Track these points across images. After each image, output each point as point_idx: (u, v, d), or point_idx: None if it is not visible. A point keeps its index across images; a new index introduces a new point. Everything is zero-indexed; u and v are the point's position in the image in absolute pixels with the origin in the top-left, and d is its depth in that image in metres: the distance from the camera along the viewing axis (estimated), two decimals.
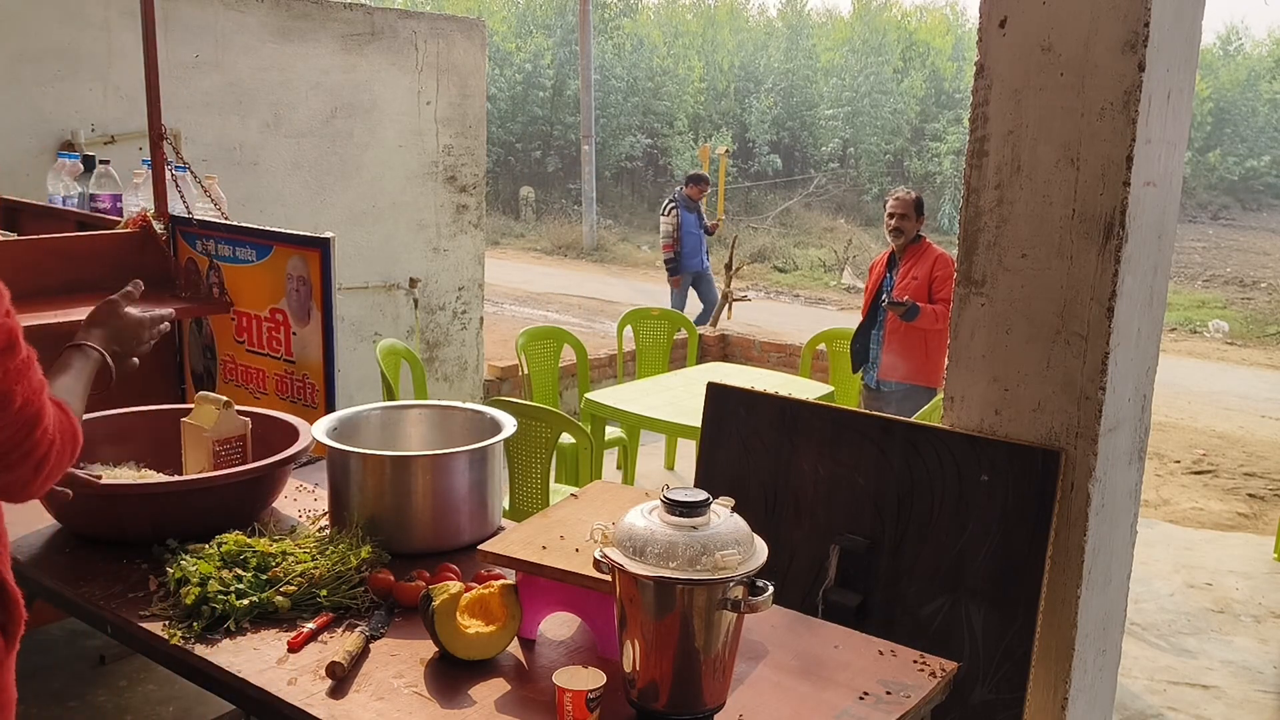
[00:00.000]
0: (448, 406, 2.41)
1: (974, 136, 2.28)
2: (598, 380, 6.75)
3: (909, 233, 5.01)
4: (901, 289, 4.94)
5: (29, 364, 1.33)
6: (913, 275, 4.94)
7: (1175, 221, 2.37)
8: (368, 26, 5.41)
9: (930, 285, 4.87)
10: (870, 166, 24.57)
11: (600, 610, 1.72)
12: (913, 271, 4.95)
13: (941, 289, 4.81)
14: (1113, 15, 2.06)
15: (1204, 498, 6.22)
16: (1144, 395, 2.39)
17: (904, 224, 5.00)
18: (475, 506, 2.15)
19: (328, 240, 2.98)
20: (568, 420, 3.78)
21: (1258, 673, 3.91)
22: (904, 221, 5.00)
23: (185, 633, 1.79)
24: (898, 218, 5.01)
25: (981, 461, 2.27)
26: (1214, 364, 11.05)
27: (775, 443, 2.57)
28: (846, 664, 1.77)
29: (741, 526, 1.57)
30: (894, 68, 25.54)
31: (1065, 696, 2.30)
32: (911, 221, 5.00)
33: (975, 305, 2.32)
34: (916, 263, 4.96)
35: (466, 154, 5.98)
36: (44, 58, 4.43)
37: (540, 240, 19.15)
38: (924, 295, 4.87)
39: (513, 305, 12.43)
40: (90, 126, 4.57)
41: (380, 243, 5.64)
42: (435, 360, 6.05)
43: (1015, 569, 2.21)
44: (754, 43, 27.36)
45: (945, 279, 4.80)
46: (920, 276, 4.90)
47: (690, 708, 1.56)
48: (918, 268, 4.94)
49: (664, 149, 24.29)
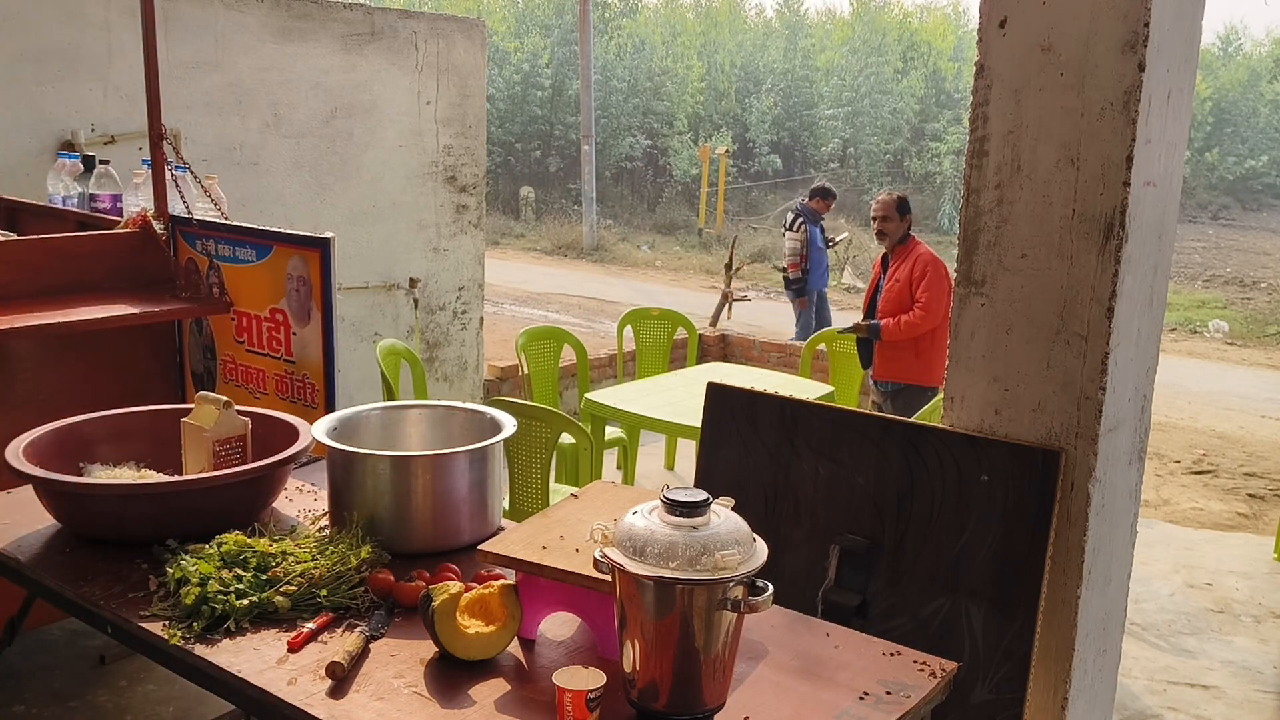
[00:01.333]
0: (448, 406, 2.41)
1: (974, 136, 2.28)
2: (598, 380, 6.75)
3: (893, 234, 5.03)
4: (888, 289, 4.98)
5: None
6: (896, 277, 4.97)
7: (1175, 221, 2.37)
8: (368, 27, 5.41)
9: (911, 286, 4.89)
10: (870, 166, 24.57)
11: (600, 610, 1.72)
12: (897, 273, 4.97)
13: (920, 290, 4.82)
14: (1112, 15, 2.06)
15: (1204, 498, 6.22)
16: (1144, 395, 2.39)
17: (886, 226, 5.03)
18: (475, 506, 2.15)
19: (328, 240, 2.98)
20: (568, 420, 3.79)
21: (1258, 673, 3.91)
22: (886, 224, 5.03)
23: (185, 633, 1.79)
24: (880, 220, 5.04)
25: (981, 461, 2.27)
26: (1214, 364, 11.05)
27: (775, 443, 2.57)
28: (846, 664, 1.77)
29: (741, 526, 1.57)
30: (894, 68, 25.54)
31: (1065, 697, 2.30)
32: (894, 222, 5.02)
33: (975, 305, 2.32)
34: (902, 264, 4.98)
35: (466, 154, 5.98)
36: (44, 58, 4.43)
37: (540, 240, 19.15)
38: (907, 296, 4.88)
39: (513, 305, 12.43)
40: (90, 126, 4.57)
41: (380, 243, 5.64)
42: (435, 360, 6.05)
43: (1015, 569, 2.21)
44: (754, 43, 27.36)
45: (922, 279, 4.82)
46: (902, 278, 4.93)
47: (690, 708, 1.56)
48: (902, 269, 4.96)
49: (664, 149, 24.29)
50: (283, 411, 2.52)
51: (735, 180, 22.34)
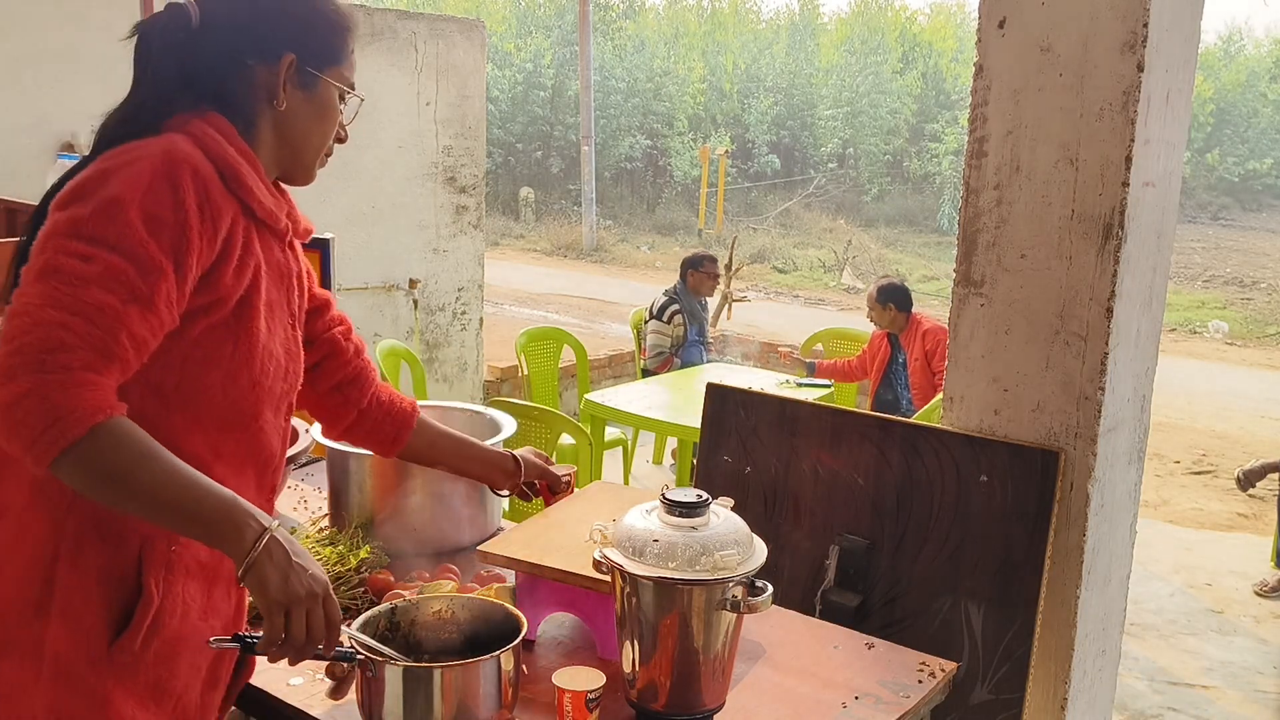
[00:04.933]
0: (447, 407, 2.41)
1: (973, 137, 2.28)
2: (598, 381, 6.76)
3: (882, 323, 5.17)
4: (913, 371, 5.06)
5: (114, 282, 1.19)
6: (914, 357, 5.03)
7: (1174, 222, 2.37)
8: (367, 27, 5.41)
9: (927, 361, 4.95)
10: (870, 167, 24.57)
11: (600, 610, 1.73)
12: (913, 353, 5.04)
13: (937, 361, 4.89)
14: (1111, 16, 2.06)
15: (1204, 498, 6.22)
16: (1143, 395, 2.39)
17: (873, 316, 5.19)
18: (475, 507, 2.15)
19: (328, 241, 2.98)
20: (568, 420, 3.79)
21: (1258, 673, 3.92)
22: (871, 314, 5.20)
23: None
24: (867, 311, 5.22)
25: (981, 462, 2.27)
26: (1213, 364, 11.05)
27: (775, 443, 2.57)
28: (846, 664, 1.78)
29: (741, 526, 1.57)
30: (892, 68, 25.55)
31: (1065, 697, 2.30)
32: (879, 312, 5.14)
33: (974, 306, 2.32)
34: (913, 345, 5.04)
35: (466, 155, 5.98)
36: (45, 59, 4.44)
37: (540, 241, 19.14)
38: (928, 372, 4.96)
39: (513, 306, 12.43)
40: (90, 127, 4.55)
41: (380, 243, 5.64)
42: (435, 361, 6.05)
43: (1014, 569, 2.21)
44: (756, 44, 27.35)
45: (935, 351, 4.88)
46: (919, 357, 5.00)
47: (690, 708, 1.56)
48: (915, 349, 5.02)
49: (663, 150, 24.29)
50: None
51: (735, 181, 22.34)
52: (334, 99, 1.48)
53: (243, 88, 1.41)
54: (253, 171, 1.39)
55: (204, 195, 1.28)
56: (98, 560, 1.28)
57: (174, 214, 1.25)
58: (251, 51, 1.40)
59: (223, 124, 1.38)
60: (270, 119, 1.43)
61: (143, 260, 1.21)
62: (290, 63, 1.41)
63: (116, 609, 1.29)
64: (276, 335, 1.43)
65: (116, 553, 1.30)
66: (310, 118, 1.46)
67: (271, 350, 1.41)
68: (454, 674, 1.43)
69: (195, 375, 1.32)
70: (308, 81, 1.44)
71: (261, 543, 1.22)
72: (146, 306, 1.22)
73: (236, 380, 1.36)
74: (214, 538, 1.24)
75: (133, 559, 1.31)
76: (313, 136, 1.48)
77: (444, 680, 1.42)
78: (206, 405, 1.34)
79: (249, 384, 1.37)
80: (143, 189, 1.24)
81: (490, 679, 1.44)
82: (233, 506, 1.24)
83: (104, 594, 1.28)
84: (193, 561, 1.36)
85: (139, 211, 1.23)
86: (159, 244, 1.23)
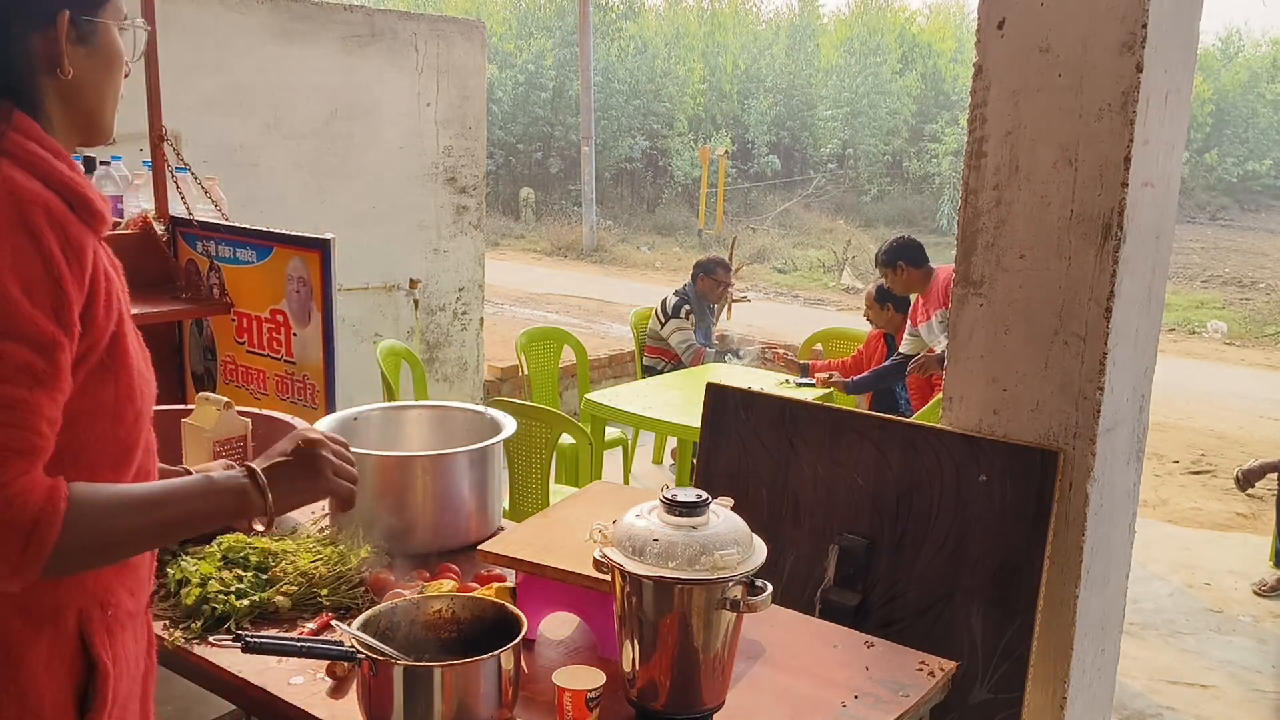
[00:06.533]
0: (448, 407, 2.41)
1: (972, 137, 2.29)
2: (598, 380, 6.76)
3: (879, 323, 5.19)
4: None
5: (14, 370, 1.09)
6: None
7: (1173, 222, 2.38)
8: (368, 28, 5.41)
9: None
10: (869, 167, 24.58)
11: (600, 610, 1.73)
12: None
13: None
14: (1110, 17, 2.06)
15: (1203, 498, 6.22)
16: (1142, 395, 2.40)
17: (870, 316, 5.22)
18: (475, 507, 2.15)
19: (328, 241, 2.98)
20: (568, 420, 3.79)
21: (1257, 673, 3.92)
22: (869, 314, 5.23)
23: (185, 633, 1.80)
24: (865, 311, 5.27)
25: (980, 461, 2.27)
26: (1212, 364, 11.05)
27: (775, 443, 2.57)
28: (846, 664, 1.78)
29: (740, 526, 1.57)
30: (892, 69, 25.55)
31: (1064, 696, 2.30)
32: (876, 311, 5.17)
33: (974, 305, 2.32)
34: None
35: (466, 155, 5.98)
36: None
37: (540, 241, 19.14)
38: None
39: (513, 306, 12.43)
40: None
41: (380, 244, 5.64)
42: (435, 361, 6.05)
43: (1014, 569, 2.21)
44: (756, 45, 27.34)
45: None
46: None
47: (689, 707, 1.56)
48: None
49: (663, 150, 24.28)
50: (283, 412, 2.52)
51: (735, 181, 22.34)
52: (116, 40, 1.28)
53: (22, 66, 1.20)
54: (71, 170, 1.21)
55: (63, 237, 1.14)
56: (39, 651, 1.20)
57: (45, 270, 1.11)
58: (20, 19, 1.19)
59: (25, 123, 1.19)
60: (56, 91, 1.23)
61: (35, 338, 1.10)
62: (66, 20, 1.21)
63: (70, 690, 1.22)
64: (137, 350, 1.30)
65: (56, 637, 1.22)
66: (99, 71, 1.27)
67: (141, 371, 1.29)
68: (454, 673, 1.43)
69: (85, 428, 1.20)
70: (87, 33, 1.24)
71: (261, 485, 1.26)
72: (53, 386, 1.12)
73: (123, 419, 1.25)
74: (226, 517, 1.25)
75: (73, 636, 1.23)
76: (106, 92, 1.29)
77: (444, 680, 1.42)
78: (99, 452, 1.24)
79: (133, 418, 1.27)
80: (8, 252, 1.10)
81: (490, 678, 1.44)
82: (211, 488, 1.25)
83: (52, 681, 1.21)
84: (123, 614, 1.29)
85: (14, 281, 1.09)
86: (44, 312, 1.10)
